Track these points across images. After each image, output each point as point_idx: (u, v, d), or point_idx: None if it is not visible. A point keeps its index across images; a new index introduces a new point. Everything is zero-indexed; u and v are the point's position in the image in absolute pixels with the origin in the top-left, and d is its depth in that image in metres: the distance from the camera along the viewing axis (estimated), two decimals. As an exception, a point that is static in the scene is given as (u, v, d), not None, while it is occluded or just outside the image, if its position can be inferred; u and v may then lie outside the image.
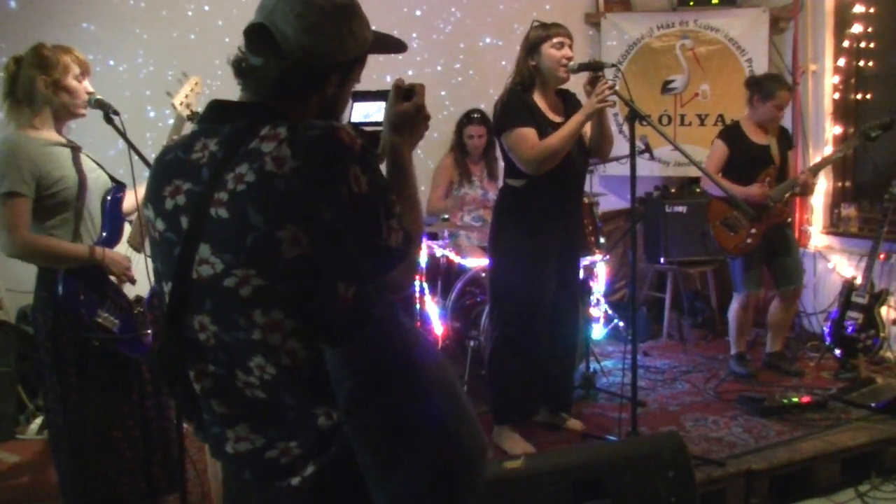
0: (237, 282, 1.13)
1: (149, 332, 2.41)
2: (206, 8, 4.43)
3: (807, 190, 4.02)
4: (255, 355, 1.16)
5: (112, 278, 2.36)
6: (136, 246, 2.43)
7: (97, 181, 2.39)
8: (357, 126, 1.37)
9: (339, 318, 1.16)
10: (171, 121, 2.50)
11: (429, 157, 4.75)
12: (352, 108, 1.40)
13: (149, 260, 2.37)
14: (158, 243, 1.25)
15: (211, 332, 1.18)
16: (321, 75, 1.27)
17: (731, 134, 4.05)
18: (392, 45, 1.42)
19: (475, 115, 4.41)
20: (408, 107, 1.34)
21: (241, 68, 1.27)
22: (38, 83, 2.24)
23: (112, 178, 2.45)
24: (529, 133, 2.94)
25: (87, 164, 2.37)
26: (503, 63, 4.12)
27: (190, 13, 4.41)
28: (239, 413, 1.21)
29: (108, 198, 2.40)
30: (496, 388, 3.23)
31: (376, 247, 1.18)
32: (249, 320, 1.14)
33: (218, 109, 1.26)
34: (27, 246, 2.19)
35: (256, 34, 1.24)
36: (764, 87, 3.96)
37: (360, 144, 1.16)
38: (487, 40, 5.20)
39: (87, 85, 2.34)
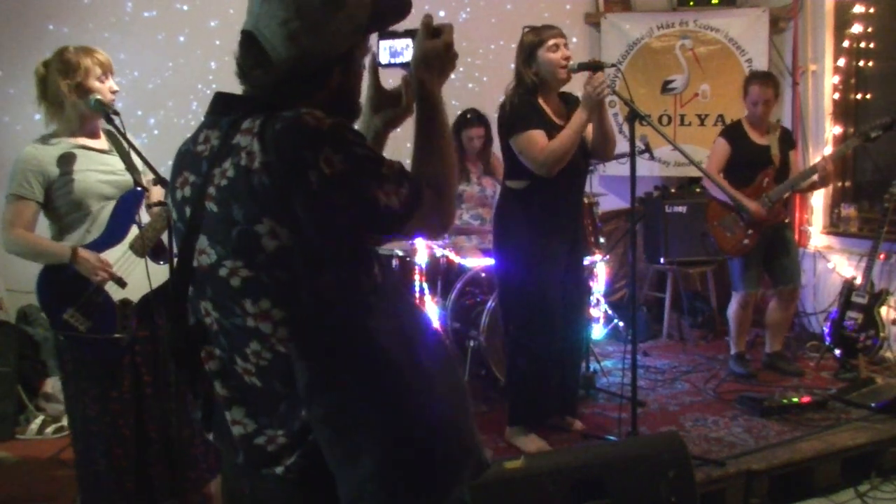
0: (228, 272, 1.17)
1: (120, 336, 2.38)
2: (185, 7, 4.34)
3: (827, 179, 3.96)
4: (251, 342, 1.19)
5: (108, 280, 2.36)
6: (138, 250, 2.41)
7: (116, 184, 2.41)
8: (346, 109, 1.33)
9: (315, 308, 1.17)
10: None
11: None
12: (378, 46, 1.38)
13: (147, 264, 2.37)
14: (174, 231, 1.31)
15: (214, 317, 1.23)
16: (320, 74, 1.25)
17: (733, 132, 4.05)
18: (393, 15, 1.35)
19: (472, 118, 4.37)
20: (437, 43, 1.32)
21: (241, 72, 1.27)
22: (62, 87, 2.31)
23: (136, 182, 2.44)
24: (540, 136, 2.94)
25: (102, 165, 2.40)
26: (511, 66, 4.07)
27: (172, 15, 4.33)
28: (237, 397, 1.25)
29: (120, 200, 2.42)
30: (513, 390, 3.24)
31: (377, 214, 1.17)
32: (242, 309, 1.18)
33: (221, 102, 1.27)
34: (15, 242, 2.33)
35: (246, 43, 1.24)
36: (744, 85, 4.00)
37: (329, 124, 1.15)
38: (494, 42, 5.17)
39: (111, 84, 2.38)
